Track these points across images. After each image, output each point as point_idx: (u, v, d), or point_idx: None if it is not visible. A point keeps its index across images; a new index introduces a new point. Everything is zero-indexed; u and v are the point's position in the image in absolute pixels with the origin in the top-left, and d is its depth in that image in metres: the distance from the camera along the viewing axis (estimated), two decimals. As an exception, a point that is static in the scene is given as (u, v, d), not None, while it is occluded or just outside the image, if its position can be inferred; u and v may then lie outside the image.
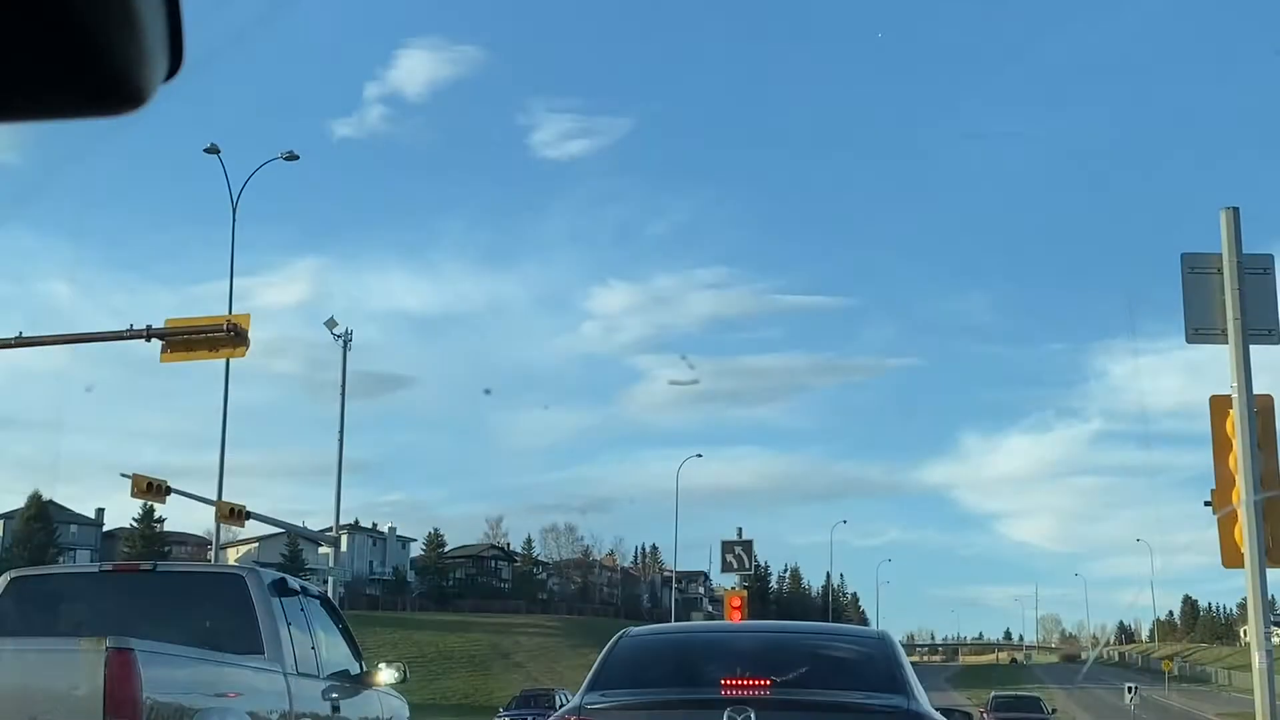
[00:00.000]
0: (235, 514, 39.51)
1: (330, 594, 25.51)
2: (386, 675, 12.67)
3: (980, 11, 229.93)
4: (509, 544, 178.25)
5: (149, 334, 27.33)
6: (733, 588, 43.27)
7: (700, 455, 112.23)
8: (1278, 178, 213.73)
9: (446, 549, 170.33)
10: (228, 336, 27.79)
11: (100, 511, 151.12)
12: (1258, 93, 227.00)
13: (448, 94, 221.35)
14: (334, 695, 11.36)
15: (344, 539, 64.94)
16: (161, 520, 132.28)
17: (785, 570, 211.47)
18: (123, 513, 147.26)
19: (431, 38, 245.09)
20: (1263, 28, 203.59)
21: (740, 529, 44.14)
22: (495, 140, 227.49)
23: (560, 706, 9.40)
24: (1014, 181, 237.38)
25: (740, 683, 8.32)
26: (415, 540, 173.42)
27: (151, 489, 35.71)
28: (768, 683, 8.33)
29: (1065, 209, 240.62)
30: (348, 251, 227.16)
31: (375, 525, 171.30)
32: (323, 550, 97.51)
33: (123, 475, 35.66)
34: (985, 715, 49.20)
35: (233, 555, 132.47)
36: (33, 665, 8.34)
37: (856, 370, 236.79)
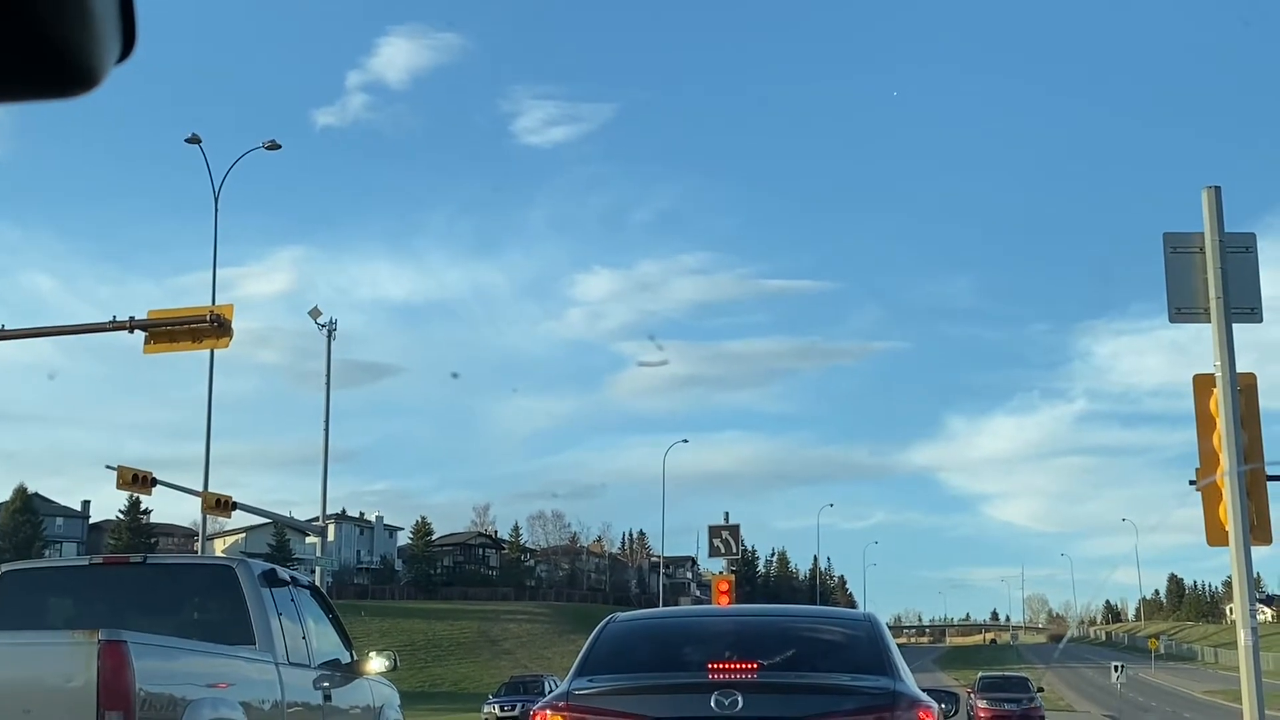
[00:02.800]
0: (221, 505, 39.48)
1: (318, 584, 25.45)
2: (377, 663, 12.69)
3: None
4: (496, 531, 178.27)
5: (132, 325, 27.24)
6: (720, 572, 43.32)
7: (686, 441, 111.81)
8: (1259, 156, 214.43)
9: (434, 537, 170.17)
10: (211, 327, 27.71)
11: (86, 504, 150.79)
12: (1238, 69, 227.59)
13: (430, 81, 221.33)
14: (325, 684, 11.39)
15: (331, 529, 64.92)
16: (148, 512, 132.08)
17: (773, 554, 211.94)
18: (109, 505, 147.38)
19: (413, 25, 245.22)
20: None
21: (727, 513, 44.39)
22: (478, 127, 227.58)
23: (549, 693, 9.42)
24: (997, 164, 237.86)
25: (727, 666, 8.36)
26: (402, 529, 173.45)
27: (137, 481, 35.65)
28: (755, 666, 8.37)
29: (1048, 191, 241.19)
30: (332, 241, 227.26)
31: (362, 514, 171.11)
32: (310, 540, 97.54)
33: (108, 467, 35.65)
34: (972, 696, 49.34)
35: (219, 546, 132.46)
36: (26, 659, 8.36)
37: (842, 354, 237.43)
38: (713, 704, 8.00)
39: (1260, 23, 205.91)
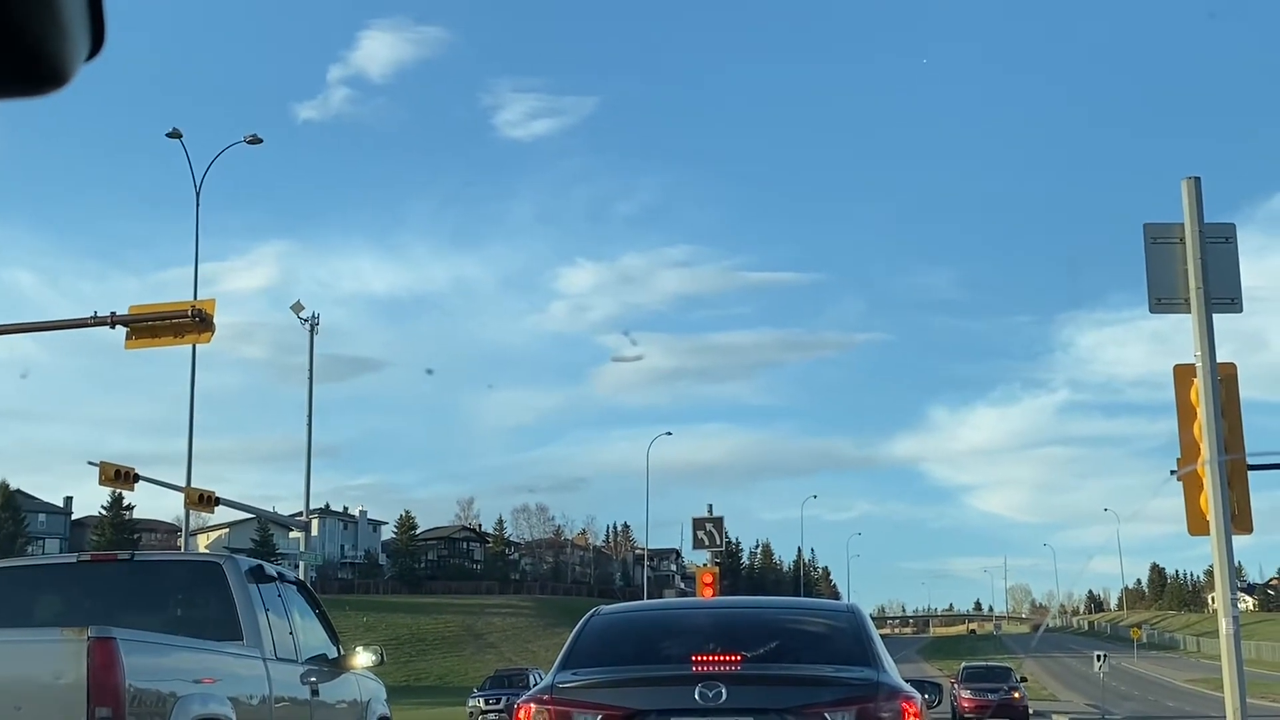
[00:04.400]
0: (204, 500, 39.38)
1: (302, 579, 25.42)
2: (363, 658, 12.73)
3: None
4: (480, 525, 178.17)
5: (113, 321, 27.21)
6: (704, 564, 43.43)
7: (670, 433, 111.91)
8: (1239, 147, 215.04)
9: (418, 531, 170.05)
10: (192, 322, 27.69)
11: (68, 500, 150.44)
12: (1216, 60, 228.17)
13: (412, 75, 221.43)
14: (312, 679, 11.42)
15: (314, 523, 64.82)
16: (130, 508, 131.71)
17: (757, 546, 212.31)
18: (91, 501, 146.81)
19: (394, 18, 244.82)
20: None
21: (711, 506, 44.39)
22: (461, 121, 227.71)
23: (534, 686, 9.47)
24: (978, 157, 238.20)
25: (711, 659, 8.39)
26: (386, 523, 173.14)
27: (120, 476, 35.55)
28: (738, 658, 8.41)
29: (1029, 183, 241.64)
30: (314, 235, 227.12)
31: (346, 509, 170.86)
32: (293, 535, 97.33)
33: (90, 463, 35.52)
34: (955, 686, 49.48)
35: (202, 542, 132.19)
36: (15, 656, 8.38)
37: (825, 346, 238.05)
38: (697, 696, 8.05)
39: (1226, 14, 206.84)
